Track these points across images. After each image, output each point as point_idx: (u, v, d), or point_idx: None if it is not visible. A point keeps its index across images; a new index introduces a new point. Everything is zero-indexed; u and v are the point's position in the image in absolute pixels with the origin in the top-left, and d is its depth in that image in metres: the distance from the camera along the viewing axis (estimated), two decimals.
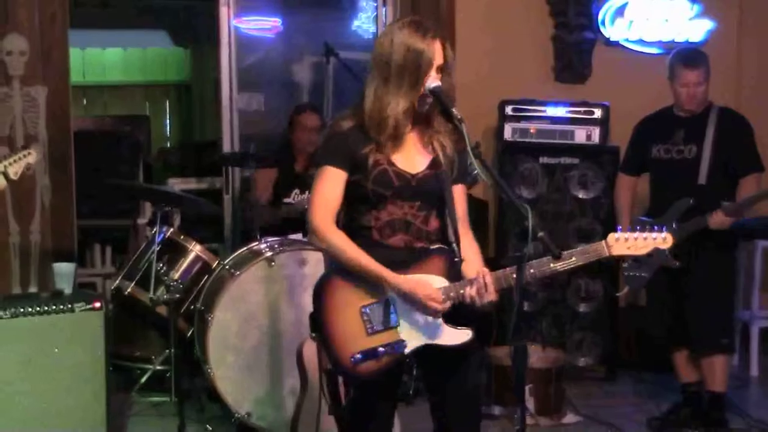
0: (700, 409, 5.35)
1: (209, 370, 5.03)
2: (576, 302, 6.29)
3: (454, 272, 3.31)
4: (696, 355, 5.33)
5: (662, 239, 3.31)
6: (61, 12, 6.19)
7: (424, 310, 3.25)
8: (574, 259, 3.26)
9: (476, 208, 6.54)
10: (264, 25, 7.98)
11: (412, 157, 3.35)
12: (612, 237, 3.30)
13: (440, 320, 3.29)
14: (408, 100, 3.26)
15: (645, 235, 3.31)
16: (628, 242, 3.30)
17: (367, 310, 3.28)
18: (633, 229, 3.32)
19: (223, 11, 6.85)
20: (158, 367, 5.78)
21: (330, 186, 3.32)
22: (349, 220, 3.39)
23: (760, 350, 6.41)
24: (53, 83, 6.19)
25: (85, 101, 11.84)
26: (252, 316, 5.03)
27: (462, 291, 3.25)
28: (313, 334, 3.37)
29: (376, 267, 3.25)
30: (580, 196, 6.28)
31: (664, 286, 5.26)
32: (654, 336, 5.61)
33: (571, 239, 6.20)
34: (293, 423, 4.51)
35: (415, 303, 3.24)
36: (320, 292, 3.33)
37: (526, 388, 5.28)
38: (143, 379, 5.79)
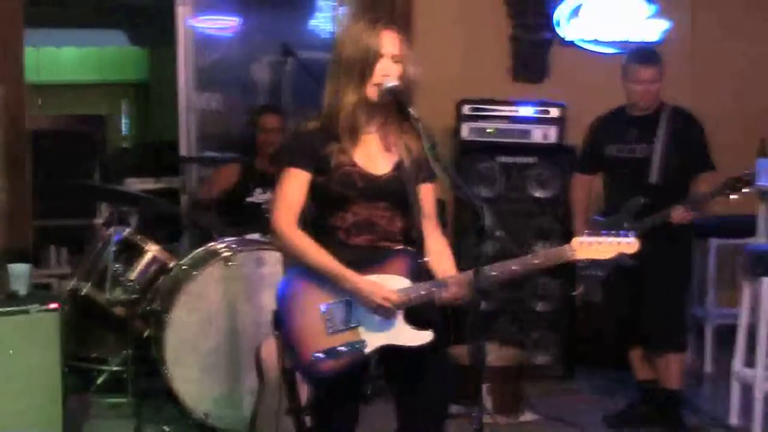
0: (656, 406, 5.40)
1: (166, 371, 5.01)
2: (534, 301, 6.32)
3: (417, 273, 3.33)
4: (650, 352, 5.37)
5: (627, 244, 3.31)
6: (16, 10, 6.14)
7: (379, 312, 3.26)
8: (536, 261, 3.27)
9: None
10: (222, 24, 7.97)
11: (376, 159, 3.36)
12: (576, 241, 3.30)
13: (402, 321, 3.30)
14: (357, 92, 3.27)
15: (610, 239, 3.29)
16: (593, 246, 3.30)
17: (329, 310, 3.29)
18: (597, 233, 3.32)
19: (180, 10, 6.82)
20: (115, 368, 5.75)
21: (293, 187, 3.32)
22: (317, 220, 3.40)
23: (714, 348, 6.47)
24: (8, 82, 6.12)
25: (40, 101, 11.72)
26: (209, 317, 5.02)
27: (423, 292, 3.26)
28: (275, 333, 3.38)
29: (337, 268, 3.26)
30: (538, 195, 6.31)
31: (620, 284, 5.30)
32: (610, 334, 5.65)
33: (530, 238, 6.24)
34: (251, 423, 4.50)
35: (370, 304, 3.24)
36: (283, 291, 3.34)
37: (484, 386, 5.30)
38: (100, 380, 5.76)
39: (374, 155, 3.36)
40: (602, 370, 6.32)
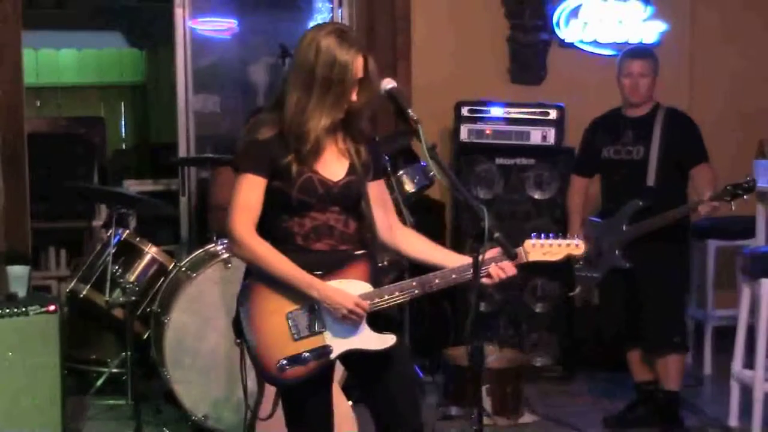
0: (655, 407, 5.40)
1: (166, 373, 5.02)
2: (532, 302, 6.32)
3: (377, 277, 3.34)
4: (650, 354, 5.37)
5: (575, 246, 3.37)
6: (14, 12, 6.14)
7: (346, 319, 3.24)
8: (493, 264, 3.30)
9: (433, 209, 6.57)
10: (220, 26, 7.96)
11: (332, 165, 3.32)
12: (528, 243, 3.35)
13: (365, 325, 3.29)
14: (331, 117, 3.22)
15: (559, 241, 3.36)
16: (544, 248, 3.35)
17: (293, 316, 3.26)
18: (547, 235, 3.37)
19: (179, 12, 6.82)
20: (114, 370, 5.75)
21: (251, 194, 3.26)
22: (270, 226, 3.34)
23: (714, 349, 6.47)
24: (6, 84, 6.13)
25: (38, 102, 11.72)
26: (208, 318, 5.02)
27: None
28: (237, 341, 3.37)
29: (303, 275, 3.23)
30: (536, 196, 6.31)
31: (617, 285, 5.30)
32: (608, 336, 5.65)
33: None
34: (250, 425, 4.50)
35: (340, 311, 3.23)
36: (245, 299, 3.31)
37: (483, 388, 5.30)
38: (99, 383, 5.76)
39: (331, 161, 3.33)
40: (601, 372, 6.33)
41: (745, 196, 4.93)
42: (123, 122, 12.42)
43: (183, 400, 4.99)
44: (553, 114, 6.31)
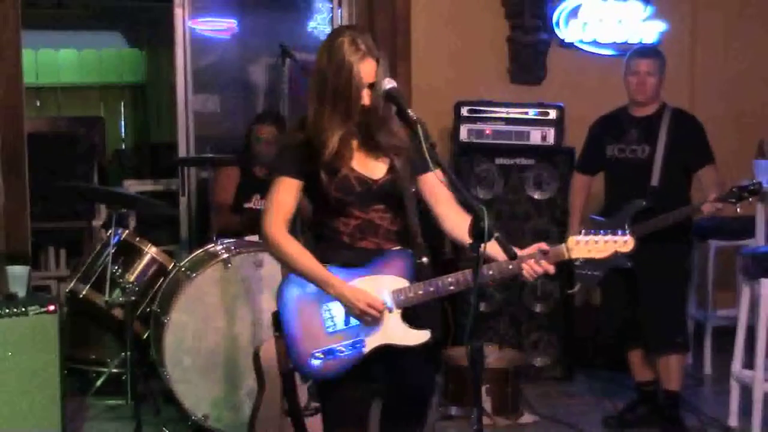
0: (655, 407, 5.40)
1: (165, 373, 5.02)
2: (532, 302, 6.32)
3: (414, 272, 3.35)
4: (651, 354, 5.37)
5: (623, 242, 3.31)
6: (14, 12, 6.14)
7: (363, 318, 3.27)
8: (532, 261, 3.28)
9: None
10: (219, 26, 7.97)
11: (370, 163, 3.37)
12: (572, 240, 3.30)
13: (399, 320, 3.31)
14: (345, 126, 3.27)
15: (606, 238, 3.29)
16: (589, 245, 3.29)
17: (327, 310, 3.31)
18: (593, 232, 3.33)
19: (178, 12, 6.82)
20: (114, 370, 5.74)
21: (285, 195, 3.34)
22: (320, 226, 3.43)
23: (714, 349, 6.46)
24: (5, 84, 6.13)
25: (38, 102, 11.73)
26: (208, 318, 5.02)
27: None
28: (276, 333, 3.40)
29: (323, 274, 3.28)
30: (536, 196, 6.30)
31: (618, 285, 5.30)
32: (608, 335, 5.65)
33: (527, 240, 6.22)
34: (250, 425, 4.50)
35: (354, 311, 3.26)
36: (282, 292, 3.36)
37: (483, 388, 5.30)
38: (99, 382, 5.75)
39: (369, 160, 3.38)
40: (601, 372, 6.33)
41: (750, 199, 4.93)
42: (123, 122, 12.44)
43: (183, 400, 4.99)
44: (552, 114, 6.30)
